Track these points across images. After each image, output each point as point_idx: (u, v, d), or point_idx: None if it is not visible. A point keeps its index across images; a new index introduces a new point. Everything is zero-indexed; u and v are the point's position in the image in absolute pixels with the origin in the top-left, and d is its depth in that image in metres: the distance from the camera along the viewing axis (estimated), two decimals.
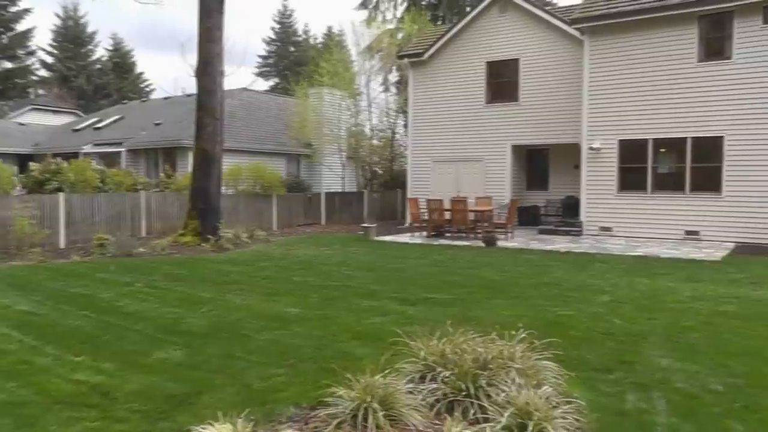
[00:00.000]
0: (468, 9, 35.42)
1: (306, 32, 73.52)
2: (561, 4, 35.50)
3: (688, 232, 18.66)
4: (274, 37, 71.73)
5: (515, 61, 23.11)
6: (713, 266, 13.63)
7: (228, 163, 21.84)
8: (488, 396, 4.68)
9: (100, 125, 34.57)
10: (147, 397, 5.37)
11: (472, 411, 4.65)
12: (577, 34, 20.87)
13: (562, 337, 6.47)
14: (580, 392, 5.31)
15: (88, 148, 30.18)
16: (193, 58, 19.09)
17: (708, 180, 18.60)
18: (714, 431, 4.76)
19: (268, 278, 11.78)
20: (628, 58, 19.56)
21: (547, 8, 24.62)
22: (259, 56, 71.64)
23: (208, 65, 18.03)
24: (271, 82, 68.29)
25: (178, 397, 5.35)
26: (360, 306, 9.07)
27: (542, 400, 4.42)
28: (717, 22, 18.60)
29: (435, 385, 4.91)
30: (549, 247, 16.87)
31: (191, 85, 20.06)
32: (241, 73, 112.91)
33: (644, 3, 19.31)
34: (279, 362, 6.30)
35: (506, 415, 4.29)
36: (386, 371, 4.96)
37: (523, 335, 5.57)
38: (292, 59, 67.77)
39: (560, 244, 17.74)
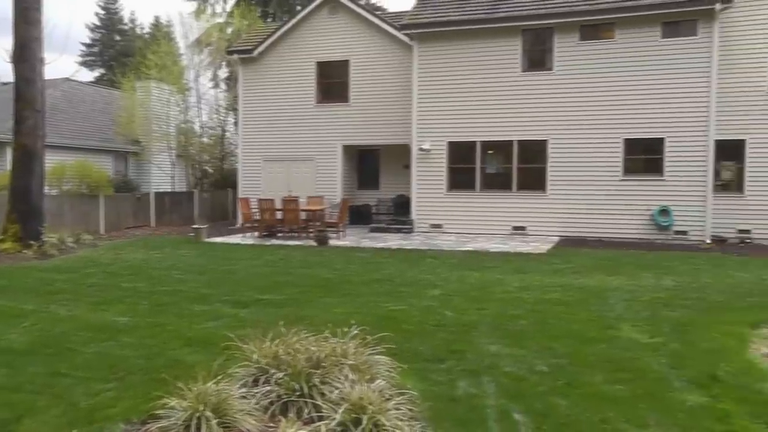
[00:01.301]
0: (298, 8, 35.32)
1: (132, 21, 69.36)
2: (392, 9, 36.33)
3: (516, 228, 19.79)
4: (98, 23, 66.98)
5: (345, 62, 23.28)
6: (539, 258, 14.50)
7: (51, 160, 20.24)
8: (322, 394, 4.63)
9: None
10: None
11: (306, 410, 4.59)
12: (406, 39, 21.39)
13: (394, 332, 6.54)
14: (413, 383, 5.38)
15: None
16: (8, 42, 17.39)
17: (534, 179, 19.89)
18: (540, 408, 5.02)
19: (95, 286, 10.98)
20: (457, 64, 20.38)
21: (377, 12, 25.07)
22: (83, 44, 66.57)
23: (26, 50, 16.43)
24: (96, 73, 63.84)
25: None
26: (192, 311, 8.69)
27: (376, 394, 4.43)
28: (539, 37, 19.95)
29: (269, 388, 4.81)
30: (380, 245, 17.12)
31: (7, 72, 18.31)
32: (63, 62, 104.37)
33: (471, 14, 20.23)
34: (107, 376, 5.85)
35: (340, 411, 4.27)
36: (219, 377, 4.78)
37: (356, 332, 5.57)
38: (119, 49, 63.79)
39: (392, 241, 18.07)
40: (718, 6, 17.92)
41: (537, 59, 20.02)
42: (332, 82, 23.64)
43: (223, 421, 4.32)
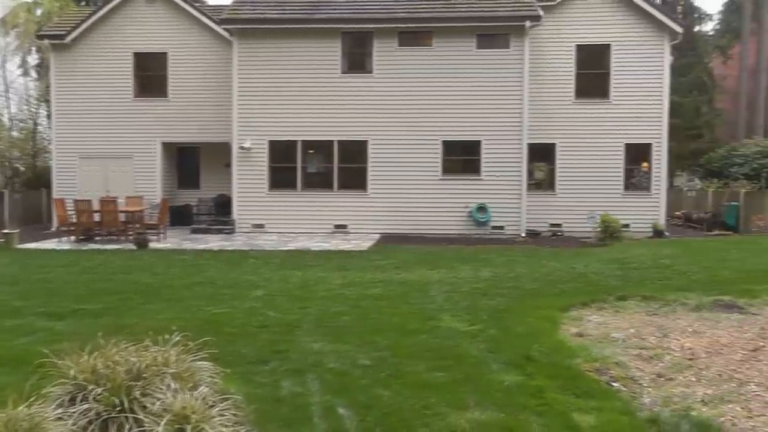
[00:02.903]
0: None
1: None
2: (212, 3, 35.33)
3: (338, 226, 20.17)
4: None
5: (163, 54, 22.46)
6: (361, 255, 14.93)
7: None
8: (144, 407, 4.47)
9: None
10: None
11: (127, 426, 4.41)
12: (226, 34, 21.05)
13: (217, 335, 6.45)
14: (237, 387, 5.37)
15: None
16: None
17: (355, 179, 20.42)
18: (364, 400, 5.19)
19: None
20: (278, 63, 20.41)
21: (197, 4, 24.32)
22: None
23: None
24: None
25: None
26: (2, 327, 8.01)
27: (199, 402, 4.37)
28: (359, 40, 20.50)
29: (87, 405, 4.52)
30: (202, 247, 16.82)
31: None
32: None
33: (290, 13, 20.34)
34: None
35: (163, 423, 4.17)
36: (32, 399, 4.44)
37: (178, 338, 5.41)
38: None
39: (213, 242, 17.80)
40: (527, 23, 19.59)
41: (357, 62, 20.54)
42: (150, 75, 22.77)
43: None
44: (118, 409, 4.48)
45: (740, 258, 14.11)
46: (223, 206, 21.83)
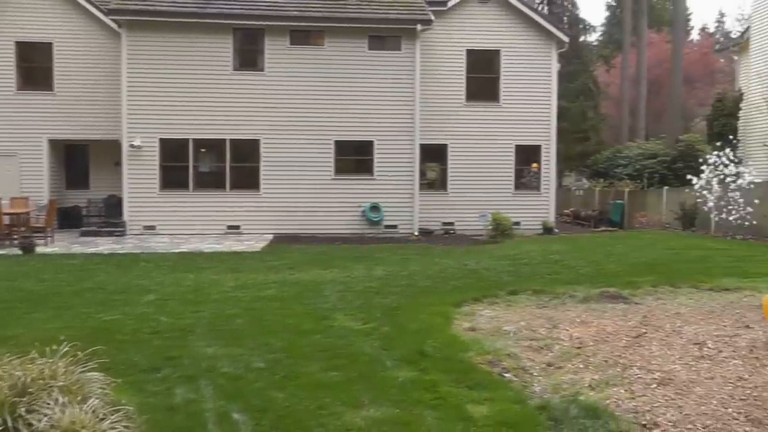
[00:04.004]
0: None
1: None
2: None
3: (231, 227, 19.98)
4: None
5: (48, 45, 21.36)
6: (254, 256, 14.85)
7: None
8: (29, 425, 4.27)
9: None
10: None
11: None
12: (115, 26, 20.39)
13: (108, 344, 6.31)
14: (129, 397, 5.25)
15: None
16: None
17: (247, 178, 20.29)
18: (258, 404, 5.17)
19: None
20: (169, 57, 19.96)
21: None
22: None
23: None
24: None
25: None
26: None
27: (89, 415, 4.26)
28: (250, 37, 20.36)
29: None
30: (92, 250, 16.28)
31: None
32: None
33: (182, 6, 19.93)
34: None
35: None
36: None
37: (67, 348, 5.25)
38: None
39: (104, 245, 17.26)
40: (419, 27, 20.03)
41: (249, 59, 20.41)
42: (35, 66, 21.70)
43: None
44: (1, 428, 4.33)
45: (625, 252, 14.86)
46: (113, 207, 21.08)
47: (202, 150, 20.57)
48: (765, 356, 6.24)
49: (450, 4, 21.83)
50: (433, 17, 20.32)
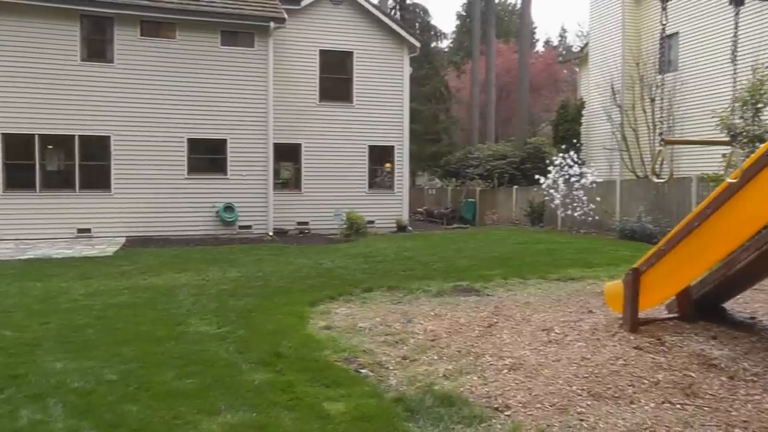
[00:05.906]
0: None
1: None
2: None
3: (81, 230, 19.06)
4: None
5: None
6: (106, 261, 14.33)
7: None
8: None
9: None
10: None
11: None
12: None
13: None
14: None
15: None
16: None
17: (98, 178, 19.40)
18: (111, 419, 4.97)
19: None
20: (11, 44, 18.61)
21: None
22: None
23: None
24: None
25: None
26: None
27: None
28: (99, 25, 19.42)
29: None
30: None
31: None
32: None
33: None
34: None
35: None
36: None
37: None
38: None
39: None
40: (272, 24, 20.01)
41: (97, 49, 19.51)
42: None
43: None
44: None
45: (476, 248, 15.64)
46: None
47: (50, 147, 19.44)
48: (605, 337, 6.79)
49: (303, 3, 21.95)
50: (286, 16, 20.35)
